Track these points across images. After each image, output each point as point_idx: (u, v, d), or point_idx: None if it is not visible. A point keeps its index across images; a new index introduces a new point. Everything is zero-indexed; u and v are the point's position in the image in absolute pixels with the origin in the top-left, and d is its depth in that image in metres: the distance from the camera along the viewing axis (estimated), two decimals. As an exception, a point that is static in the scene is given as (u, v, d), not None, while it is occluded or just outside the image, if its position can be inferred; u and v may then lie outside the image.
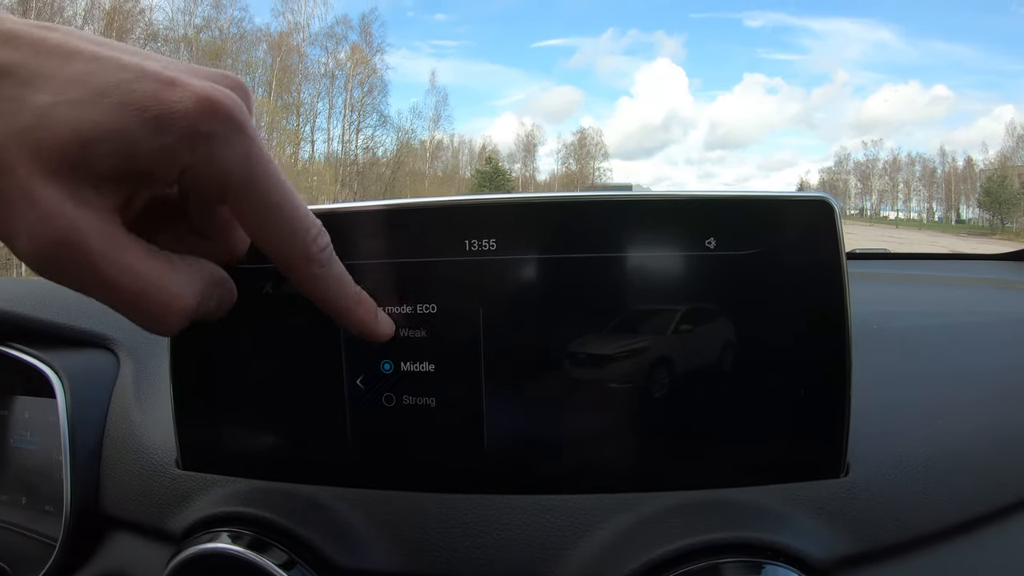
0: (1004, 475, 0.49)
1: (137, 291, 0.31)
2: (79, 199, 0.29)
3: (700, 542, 0.42)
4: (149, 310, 0.31)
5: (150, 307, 0.31)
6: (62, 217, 0.28)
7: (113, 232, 0.30)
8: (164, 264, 0.32)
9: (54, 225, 0.28)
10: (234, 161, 0.31)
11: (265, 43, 37.47)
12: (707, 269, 0.42)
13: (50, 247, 0.28)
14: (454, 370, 0.45)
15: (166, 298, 0.32)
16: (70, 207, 0.28)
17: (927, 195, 54.64)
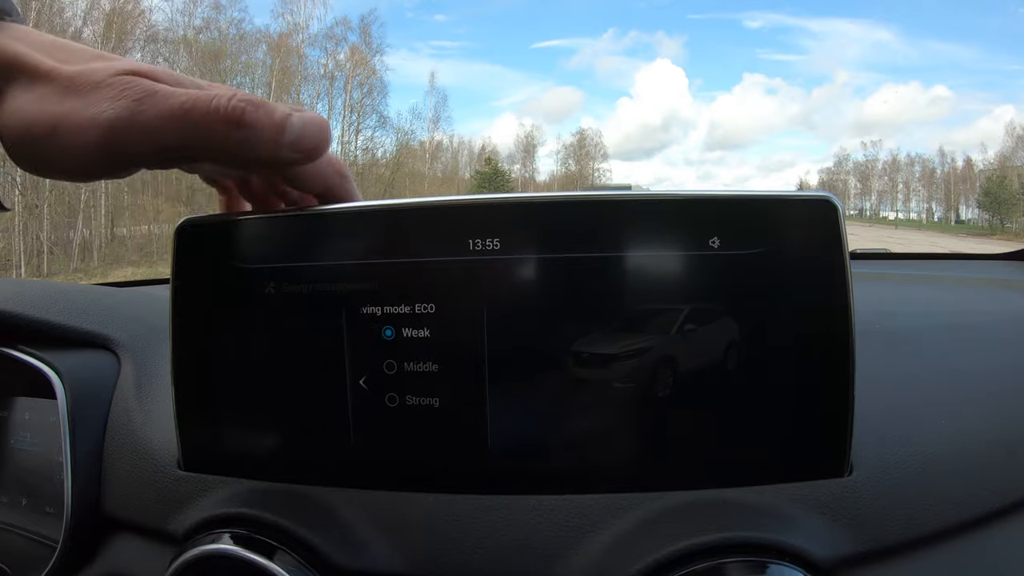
0: (1007, 474, 0.50)
1: (207, 97, 0.37)
2: None
3: (704, 542, 0.42)
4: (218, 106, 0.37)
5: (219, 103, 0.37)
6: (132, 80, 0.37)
7: None
8: None
9: (128, 83, 0.37)
10: None
11: (265, 44, 37.50)
12: (711, 268, 0.42)
13: (132, 104, 0.37)
14: (457, 370, 0.45)
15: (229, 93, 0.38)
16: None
17: (926, 196, 54.66)
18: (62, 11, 26.21)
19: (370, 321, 0.45)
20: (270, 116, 0.38)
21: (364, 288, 0.44)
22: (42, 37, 0.40)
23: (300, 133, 0.39)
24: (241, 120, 0.37)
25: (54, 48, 0.39)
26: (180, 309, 0.48)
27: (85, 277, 16.32)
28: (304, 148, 0.39)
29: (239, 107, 0.37)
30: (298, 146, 0.39)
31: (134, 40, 31.07)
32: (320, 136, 0.40)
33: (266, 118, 0.38)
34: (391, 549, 0.46)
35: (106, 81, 0.36)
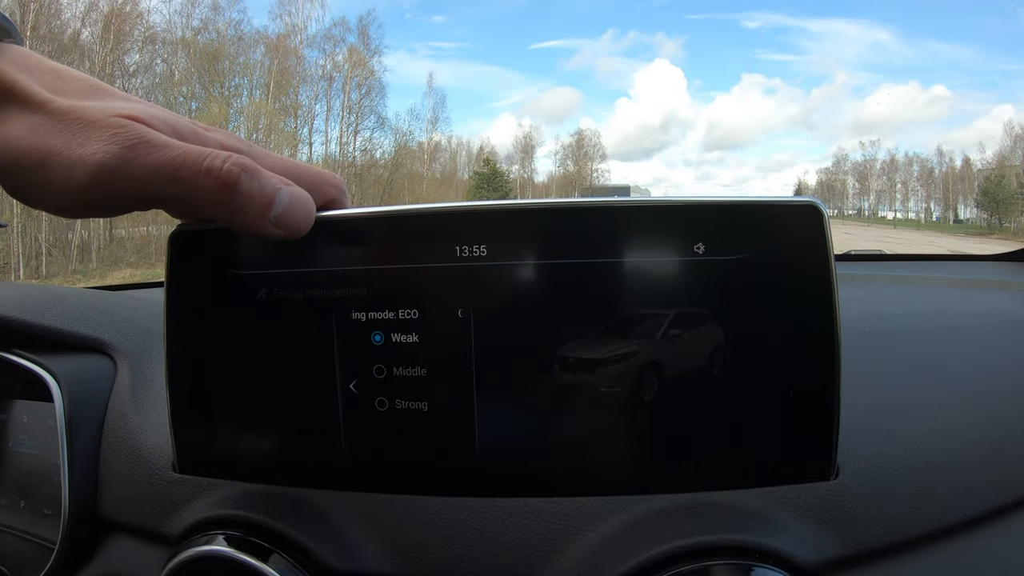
0: (994, 478, 0.50)
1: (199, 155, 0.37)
2: None
3: (689, 544, 0.42)
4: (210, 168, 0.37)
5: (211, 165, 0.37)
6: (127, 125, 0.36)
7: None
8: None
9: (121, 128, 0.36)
10: None
11: (263, 45, 37.43)
12: (696, 274, 0.43)
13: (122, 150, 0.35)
14: (445, 374, 0.45)
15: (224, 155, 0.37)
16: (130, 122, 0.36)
17: (925, 195, 54.62)
18: (60, 12, 26.18)
19: (359, 326, 0.45)
20: (261, 188, 0.38)
21: (353, 294, 0.45)
22: (41, 63, 0.39)
23: (286, 209, 0.39)
24: (233, 187, 0.37)
25: (52, 76, 0.39)
26: (174, 314, 0.48)
27: (84, 278, 16.28)
28: (287, 225, 0.40)
29: (233, 172, 0.37)
30: (282, 222, 0.39)
31: (132, 41, 31.03)
32: (305, 216, 0.41)
33: (257, 188, 0.38)
34: (381, 550, 0.47)
35: (100, 121, 0.36)
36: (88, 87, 0.39)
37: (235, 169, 0.36)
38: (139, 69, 32.04)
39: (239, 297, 0.47)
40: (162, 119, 0.38)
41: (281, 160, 0.42)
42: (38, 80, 0.37)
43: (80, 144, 0.35)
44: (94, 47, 28.89)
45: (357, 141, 40.58)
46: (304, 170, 0.43)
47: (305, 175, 0.43)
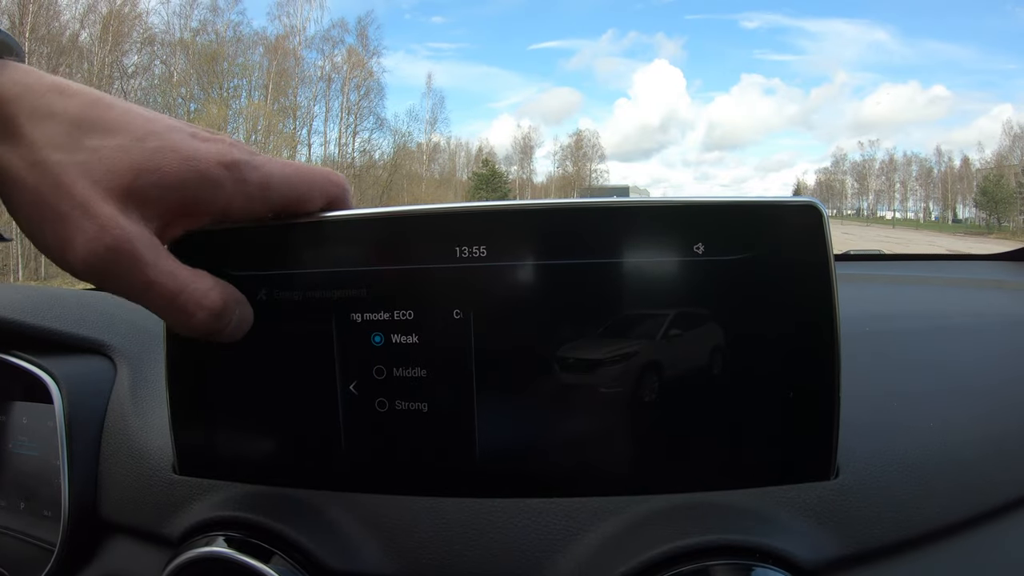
0: (994, 477, 0.50)
1: (175, 291, 0.38)
2: (130, 216, 0.36)
3: (690, 544, 0.42)
4: (184, 308, 0.38)
5: (184, 305, 0.38)
6: (117, 228, 0.35)
7: (156, 243, 0.38)
8: (195, 272, 0.39)
9: (110, 233, 0.35)
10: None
11: (261, 47, 37.42)
12: (695, 274, 0.43)
13: (106, 252, 0.35)
14: (445, 375, 0.45)
15: (199, 298, 0.39)
16: (123, 220, 0.36)
17: (924, 195, 54.65)
18: (59, 14, 26.19)
19: (359, 327, 0.45)
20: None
21: (353, 295, 0.45)
22: (42, 80, 0.37)
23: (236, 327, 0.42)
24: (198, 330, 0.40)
25: (54, 92, 0.37)
26: None
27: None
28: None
29: (201, 320, 0.39)
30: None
31: (131, 43, 31.02)
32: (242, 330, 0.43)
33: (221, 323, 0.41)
34: (381, 551, 0.47)
35: (88, 213, 0.35)
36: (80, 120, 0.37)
37: (201, 315, 0.39)
38: (138, 70, 32.06)
39: None
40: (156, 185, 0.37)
41: (281, 163, 0.42)
42: (33, 114, 0.36)
43: (65, 230, 0.35)
44: (93, 48, 28.89)
45: (356, 142, 40.59)
46: (304, 171, 0.43)
47: (306, 175, 0.43)
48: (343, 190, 0.45)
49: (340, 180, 0.45)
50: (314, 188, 0.43)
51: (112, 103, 0.38)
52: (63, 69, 26.50)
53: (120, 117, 0.37)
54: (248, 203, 0.40)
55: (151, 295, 0.37)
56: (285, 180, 0.41)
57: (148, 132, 0.37)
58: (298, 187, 0.42)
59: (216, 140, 0.39)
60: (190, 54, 33.95)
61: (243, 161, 0.39)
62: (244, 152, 0.40)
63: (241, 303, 0.42)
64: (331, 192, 0.44)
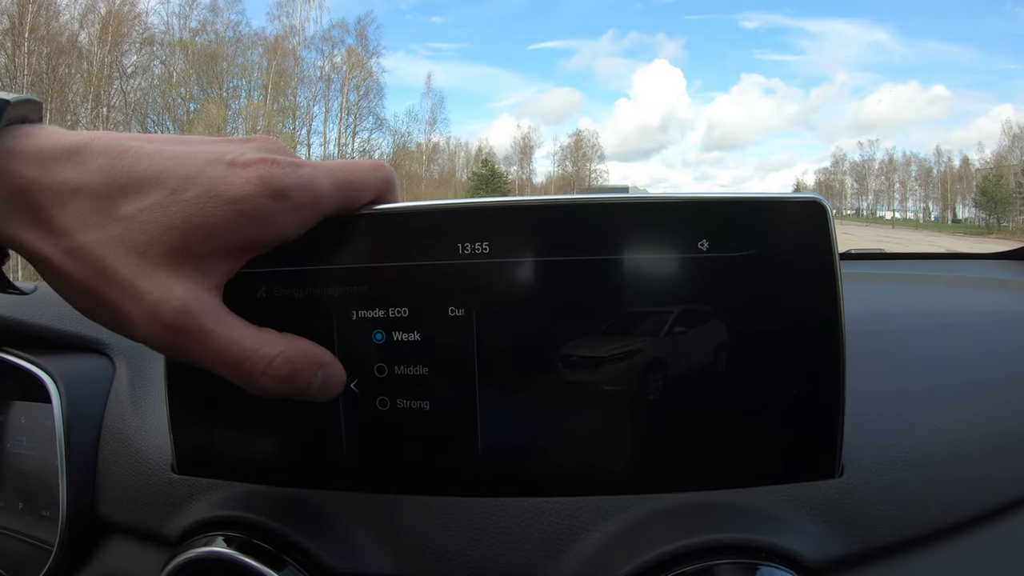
0: (998, 475, 0.50)
1: (240, 359, 0.36)
2: (185, 278, 0.34)
3: (695, 544, 0.42)
4: (249, 375, 0.36)
5: (250, 373, 0.36)
6: (173, 300, 0.34)
7: (217, 306, 0.36)
8: (264, 335, 0.38)
9: (166, 309, 0.33)
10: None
11: (261, 47, 37.44)
12: (700, 271, 0.42)
13: (165, 331, 0.34)
14: (447, 373, 0.45)
15: (264, 366, 0.37)
16: (178, 289, 0.34)
17: (923, 195, 54.74)
18: (58, 14, 26.22)
19: (360, 325, 0.45)
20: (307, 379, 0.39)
21: (354, 292, 0.45)
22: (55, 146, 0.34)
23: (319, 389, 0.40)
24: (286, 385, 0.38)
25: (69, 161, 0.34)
26: None
27: (82, 280, 16.29)
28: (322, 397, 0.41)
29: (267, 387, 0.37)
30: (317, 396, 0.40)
31: (130, 43, 31.05)
32: (334, 389, 0.41)
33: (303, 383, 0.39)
34: (382, 551, 0.46)
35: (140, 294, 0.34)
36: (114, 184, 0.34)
37: (271, 384, 0.37)
38: (137, 70, 32.08)
39: (239, 295, 0.46)
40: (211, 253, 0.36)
41: (327, 169, 0.40)
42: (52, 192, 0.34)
43: (125, 312, 0.34)
44: (92, 48, 28.92)
45: (355, 143, 40.62)
46: (353, 172, 0.41)
47: (356, 177, 0.41)
48: (390, 184, 0.44)
49: (387, 174, 0.44)
50: (365, 189, 0.42)
51: (139, 152, 0.35)
52: (62, 69, 26.52)
53: (150, 168, 0.34)
54: (301, 223, 0.38)
55: (216, 364, 0.36)
56: (335, 189, 0.40)
57: (184, 179, 0.34)
58: (348, 192, 0.41)
59: (257, 163, 0.36)
60: (189, 54, 34.01)
61: (289, 186, 0.36)
62: (288, 167, 0.36)
63: (327, 365, 0.40)
64: (379, 188, 0.43)
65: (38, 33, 24.72)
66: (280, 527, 0.46)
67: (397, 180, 0.45)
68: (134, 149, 0.35)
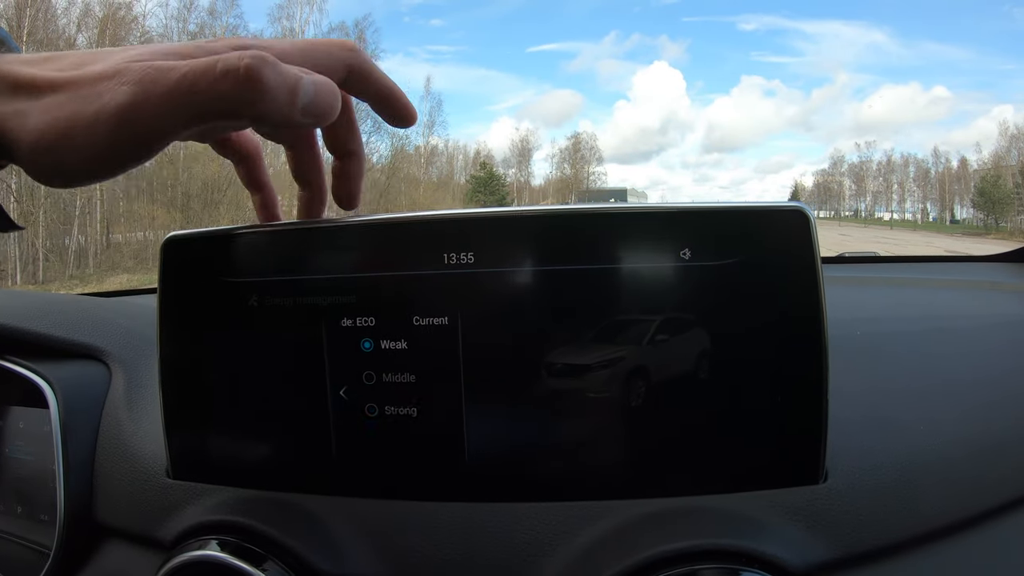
0: (984, 480, 0.50)
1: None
2: None
3: (677, 549, 0.42)
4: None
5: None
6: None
7: None
8: None
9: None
10: None
11: (259, 49, 37.25)
12: (683, 279, 0.43)
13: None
14: (434, 381, 0.45)
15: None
16: None
17: (921, 196, 54.62)
18: (56, 18, 26.13)
19: (349, 333, 0.46)
20: (284, 78, 0.36)
21: (343, 301, 0.45)
22: (36, 55, 0.39)
23: (313, 98, 0.37)
24: (257, 81, 0.35)
25: (51, 60, 0.38)
26: (167, 321, 0.49)
27: (81, 283, 16.26)
28: (315, 113, 0.38)
29: (252, 66, 0.34)
30: (310, 111, 0.37)
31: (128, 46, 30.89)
32: (332, 102, 0.39)
33: (280, 79, 0.36)
34: (372, 555, 0.47)
35: (106, 73, 0.35)
36: (89, 56, 0.38)
37: (254, 63, 0.35)
38: (136, 74, 31.92)
39: (231, 304, 0.47)
40: (164, 51, 0.37)
41: (292, 42, 0.40)
42: (40, 68, 0.37)
43: (95, 99, 0.35)
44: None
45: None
46: (317, 44, 0.42)
47: (320, 48, 0.41)
48: (355, 52, 0.43)
49: (351, 44, 0.43)
50: (328, 59, 0.41)
51: (109, 50, 0.38)
52: (61, 73, 26.29)
53: None
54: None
55: (196, 84, 0.35)
56: (298, 52, 0.40)
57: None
58: (316, 58, 0.41)
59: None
60: (188, 57, 33.86)
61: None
62: (251, 39, 0.39)
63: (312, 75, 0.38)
64: (346, 59, 0.43)
65: (36, 36, 24.68)
66: (272, 531, 0.47)
67: (362, 49, 0.44)
68: None
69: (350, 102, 0.46)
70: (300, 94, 0.37)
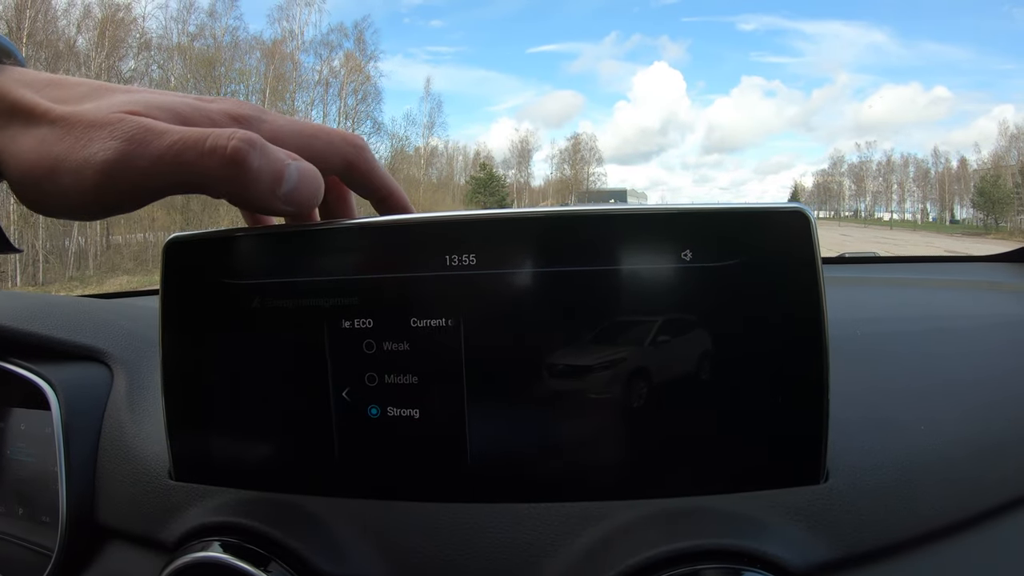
0: (984, 481, 0.50)
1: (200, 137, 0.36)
2: None
3: (679, 549, 0.42)
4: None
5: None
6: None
7: None
8: None
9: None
10: None
11: (259, 51, 37.34)
12: (683, 281, 0.43)
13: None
14: (436, 382, 0.45)
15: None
16: None
17: (921, 196, 54.62)
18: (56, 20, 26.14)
19: (351, 335, 0.46)
20: (269, 164, 0.37)
21: (345, 303, 0.45)
22: (40, 77, 0.39)
23: (295, 187, 0.38)
24: (241, 164, 0.36)
25: (53, 87, 0.38)
26: (169, 323, 0.49)
27: (81, 285, 16.25)
28: (296, 202, 0.38)
29: (240, 150, 0.35)
30: (291, 199, 0.38)
31: (128, 47, 30.96)
32: (313, 193, 0.39)
33: (265, 165, 0.36)
34: (374, 556, 0.47)
35: (100, 120, 0.36)
36: (89, 90, 0.39)
37: (242, 146, 0.35)
38: (135, 75, 31.99)
39: (233, 306, 0.47)
40: (162, 105, 0.38)
41: (294, 123, 0.41)
42: (40, 93, 0.37)
43: (84, 146, 0.35)
44: (90, 53, 28.87)
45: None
46: (319, 132, 0.43)
47: (322, 137, 0.42)
48: (359, 149, 0.44)
49: (357, 140, 0.44)
50: (329, 151, 0.42)
51: (111, 88, 0.39)
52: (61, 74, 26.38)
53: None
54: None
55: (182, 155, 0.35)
56: (297, 134, 0.41)
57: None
58: (314, 145, 0.42)
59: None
60: (187, 59, 33.90)
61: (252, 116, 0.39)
62: (252, 107, 0.40)
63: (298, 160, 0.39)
64: (348, 155, 0.44)
65: (36, 38, 24.67)
66: (275, 532, 0.47)
67: (368, 148, 0.45)
68: None
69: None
70: (283, 182, 0.37)
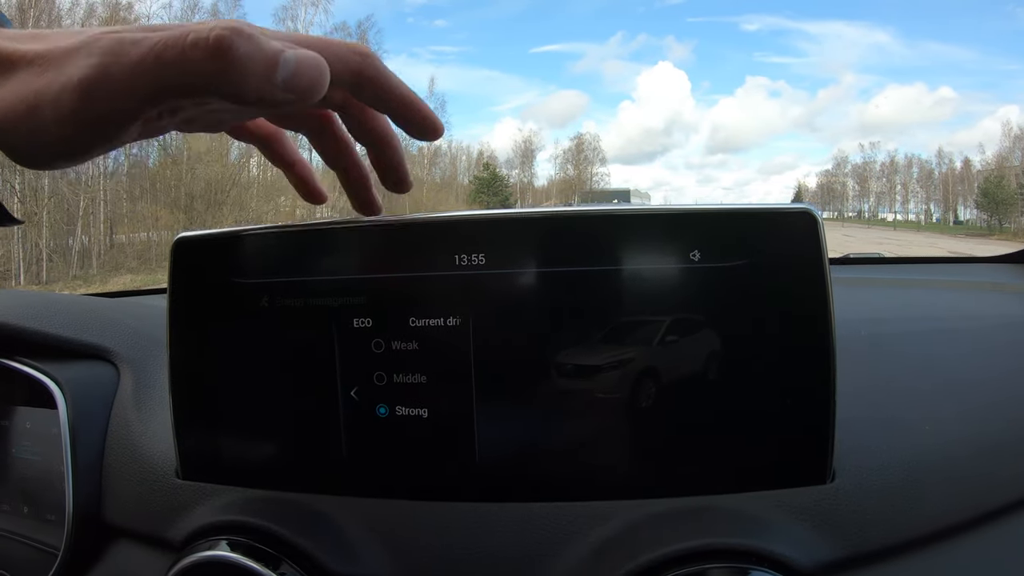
0: (989, 480, 0.50)
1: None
2: None
3: (686, 548, 0.42)
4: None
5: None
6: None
7: None
8: None
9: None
10: None
11: (262, 50, 37.21)
12: (692, 281, 0.43)
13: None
14: (445, 381, 0.46)
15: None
16: None
17: (925, 197, 54.50)
18: (59, 20, 26.16)
19: (360, 334, 0.46)
20: (260, 49, 0.33)
21: (354, 302, 0.45)
22: (23, 31, 0.37)
23: (295, 70, 0.34)
24: (227, 52, 0.32)
25: (35, 38, 0.36)
26: (176, 322, 0.49)
27: (84, 284, 16.26)
28: (297, 88, 0.34)
29: (223, 36, 0.31)
30: (291, 85, 0.34)
31: (132, 47, 30.95)
32: (317, 77, 0.35)
33: (255, 51, 0.32)
34: (382, 555, 0.47)
35: (75, 45, 0.33)
36: (70, 32, 0.35)
37: (225, 33, 0.32)
38: (139, 75, 31.93)
39: (241, 305, 0.47)
40: (143, 27, 0.34)
41: (294, 34, 0.38)
42: (22, 43, 0.35)
43: (61, 72, 0.33)
44: (94, 53, 28.84)
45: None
46: (322, 42, 0.38)
47: (325, 49, 0.38)
48: (366, 56, 0.40)
49: (362, 48, 0.40)
50: (331, 58, 0.37)
51: (93, 28, 0.36)
52: (64, 74, 26.32)
53: None
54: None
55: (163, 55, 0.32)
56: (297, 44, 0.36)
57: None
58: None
59: None
60: (191, 58, 33.86)
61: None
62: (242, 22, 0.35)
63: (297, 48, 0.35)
64: (352, 62, 0.39)
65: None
66: (282, 531, 0.47)
67: (375, 54, 0.40)
68: None
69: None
70: (279, 67, 0.33)
